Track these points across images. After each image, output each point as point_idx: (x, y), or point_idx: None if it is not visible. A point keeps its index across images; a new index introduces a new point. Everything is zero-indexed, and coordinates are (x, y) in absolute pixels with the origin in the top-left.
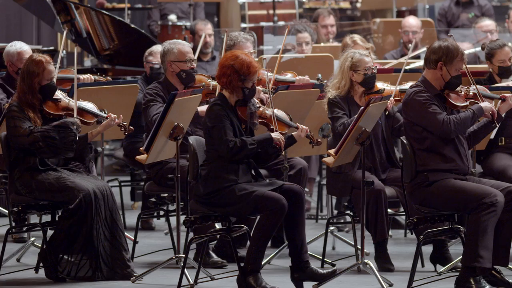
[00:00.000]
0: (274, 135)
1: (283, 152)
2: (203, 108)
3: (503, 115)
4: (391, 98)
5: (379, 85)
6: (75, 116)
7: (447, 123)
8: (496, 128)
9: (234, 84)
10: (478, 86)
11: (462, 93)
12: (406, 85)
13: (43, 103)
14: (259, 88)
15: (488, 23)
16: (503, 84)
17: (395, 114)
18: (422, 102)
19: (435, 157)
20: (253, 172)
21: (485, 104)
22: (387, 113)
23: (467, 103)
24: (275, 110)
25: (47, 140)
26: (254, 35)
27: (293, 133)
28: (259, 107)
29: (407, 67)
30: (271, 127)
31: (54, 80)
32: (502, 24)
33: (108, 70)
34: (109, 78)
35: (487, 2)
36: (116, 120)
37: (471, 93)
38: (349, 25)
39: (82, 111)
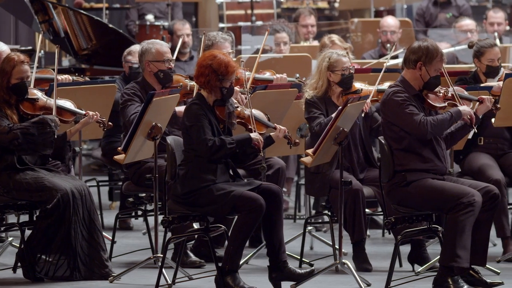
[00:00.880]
0: (253, 135)
1: (261, 152)
2: (181, 109)
3: (480, 117)
4: (368, 100)
5: (357, 85)
6: (54, 114)
7: (424, 124)
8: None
9: (212, 84)
10: (456, 88)
11: (441, 94)
12: (384, 85)
13: (20, 103)
14: (236, 88)
15: (468, 22)
16: (483, 84)
17: (373, 114)
18: (399, 102)
19: (413, 157)
20: (231, 172)
21: (463, 108)
22: (363, 114)
23: (446, 104)
24: (253, 110)
25: (27, 137)
26: (232, 35)
27: (271, 134)
28: (237, 107)
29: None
30: (249, 127)
31: (32, 80)
32: (480, 24)
33: (86, 69)
34: (87, 78)
35: (465, 2)
36: (95, 117)
37: (449, 94)
38: (327, 25)
39: (60, 110)
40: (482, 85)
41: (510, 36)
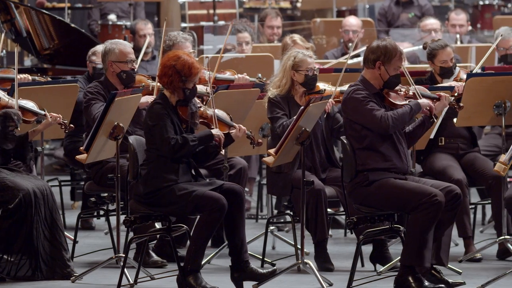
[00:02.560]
0: (214, 131)
1: (222, 151)
2: (144, 100)
3: (439, 115)
4: (331, 99)
5: (321, 85)
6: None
7: (385, 119)
8: (436, 127)
9: (175, 85)
10: (417, 86)
11: (402, 92)
12: (347, 86)
13: None
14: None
15: (432, 21)
16: (445, 84)
17: (335, 115)
18: (360, 99)
19: (374, 156)
20: (193, 171)
21: (422, 101)
22: (325, 115)
23: (407, 102)
24: (216, 110)
25: None
26: (193, 35)
27: (231, 133)
28: (200, 107)
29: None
30: (212, 127)
31: None
32: (442, 24)
33: (48, 69)
34: (49, 77)
35: (427, 2)
36: (57, 119)
37: (410, 93)
38: (290, 25)
39: (22, 110)
40: (444, 84)
41: (472, 36)
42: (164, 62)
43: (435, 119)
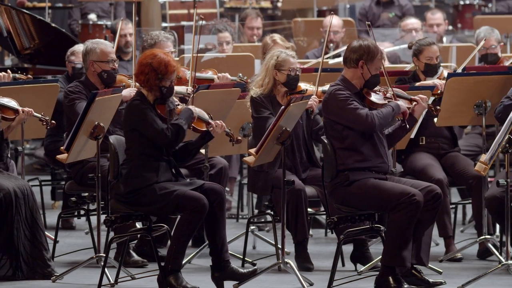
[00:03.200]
0: (192, 107)
1: (202, 150)
2: (126, 93)
3: (419, 117)
4: (315, 97)
5: (302, 85)
6: None
7: (372, 118)
8: (417, 127)
9: (152, 83)
10: (395, 89)
11: (381, 93)
12: (326, 86)
13: None
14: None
15: (413, 21)
16: (427, 82)
17: (315, 116)
18: (343, 99)
19: (355, 155)
20: (173, 170)
21: (401, 102)
22: (312, 116)
23: (386, 102)
24: (196, 109)
25: None
26: (174, 34)
27: (209, 130)
28: (178, 105)
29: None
30: (192, 125)
31: None
32: (423, 24)
33: (28, 69)
34: (29, 77)
35: (408, 1)
36: (29, 112)
37: (389, 94)
38: (270, 25)
39: (2, 107)
40: (423, 83)
41: (452, 36)
42: (140, 60)
43: (407, 125)
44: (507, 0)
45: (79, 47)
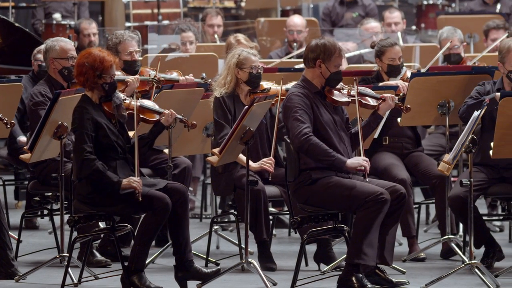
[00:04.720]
0: (125, 181)
1: (167, 151)
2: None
3: (383, 114)
4: (278, 97)
5: (264, 84)
6: None
7: (305, 138)
8: (380, 127)
9: (91, 81)
10: (361, 87)
11: (345, 91)
12: (291, 84)
13: None
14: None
15: (373, 25)
16: (390, 82)
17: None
18: (289, 106)
19: None
20: (131, 167)
21: (351, 162)
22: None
23: (349, 99)
24: (144, 100)
25: None
26: (138, 34)
27: (160, 120)
28: (125, 99)
29: (296, 66)
30: (141, 116)
31: None
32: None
33: None
34: None
35: (371, 1)
36: None
37: (353, 92)
38: (234, 24)
39: None
40: (386, 83)
41: (415, 36)
42: (77, 61)
43: (366, 176)
44: (469, 1)
45: None
